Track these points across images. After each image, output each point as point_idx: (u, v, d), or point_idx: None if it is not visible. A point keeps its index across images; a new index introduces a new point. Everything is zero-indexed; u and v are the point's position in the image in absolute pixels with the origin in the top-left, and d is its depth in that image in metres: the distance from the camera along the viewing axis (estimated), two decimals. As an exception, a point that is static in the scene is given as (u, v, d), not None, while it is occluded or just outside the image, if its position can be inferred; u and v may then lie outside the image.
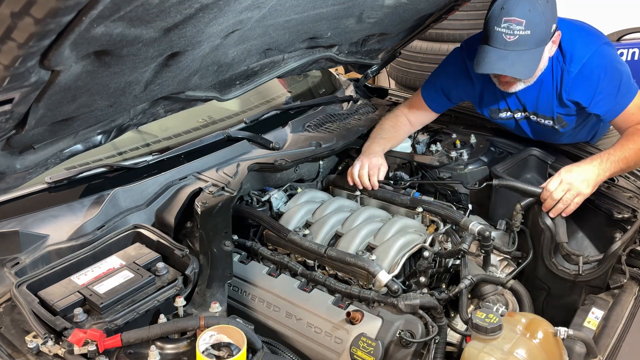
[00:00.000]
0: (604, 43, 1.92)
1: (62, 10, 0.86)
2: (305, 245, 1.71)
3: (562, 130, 2.04)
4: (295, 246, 1.75)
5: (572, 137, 2.15)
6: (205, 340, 1.18)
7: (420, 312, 1.50)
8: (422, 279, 1.67)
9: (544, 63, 1.87)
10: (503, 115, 2.13)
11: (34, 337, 1.24)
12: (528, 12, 1.73)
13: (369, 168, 1.98)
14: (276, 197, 2.01)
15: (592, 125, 2.14)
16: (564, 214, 1.82)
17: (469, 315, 1.38)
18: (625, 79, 1.87)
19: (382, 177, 2.00)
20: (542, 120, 2.03)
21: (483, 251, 1.71)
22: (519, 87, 1.91)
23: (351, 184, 2.00)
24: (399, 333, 1.45)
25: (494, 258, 1.79)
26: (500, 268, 1.82)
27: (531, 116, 2.06)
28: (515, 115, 2.10)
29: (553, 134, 2.09)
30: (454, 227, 1.77)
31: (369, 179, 1.97)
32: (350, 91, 2.72)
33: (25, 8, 0.84)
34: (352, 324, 1.50)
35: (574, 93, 1.91)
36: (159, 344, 1.25)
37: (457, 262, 1.72)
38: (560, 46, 1.91)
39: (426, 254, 1.67)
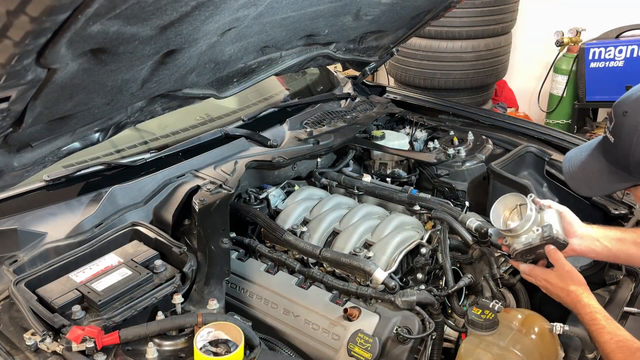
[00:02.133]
0: None
1: (57, 9, 0.87)
2: (300, 246, 1.71)
3: None
4: (291, 247, 1.76)
5: None
6: (202, 337, 1.19)
7: (418, 308, 1.51)
8: (419, 276, 1.68)
9: None
10: None
11: (33, 334, 1.24)
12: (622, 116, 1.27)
13: None
14: (274, 195, 2.02)
15: None
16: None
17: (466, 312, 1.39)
18: None
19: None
20: None
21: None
22: None
23: None
24: (396, 329, 1.45)
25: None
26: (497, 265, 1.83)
27: None
28: None
29: None
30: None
31: None
32: (348, 89, 2.72)
33: (20, 6, 0.84)
34: (350, 320, 1.50)
35: None
36: (156, 340, 1.26)
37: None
38: None
39: (423, 250, 1.68)
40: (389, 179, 2.21)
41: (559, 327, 1.34)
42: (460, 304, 1.66)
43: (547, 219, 1.44)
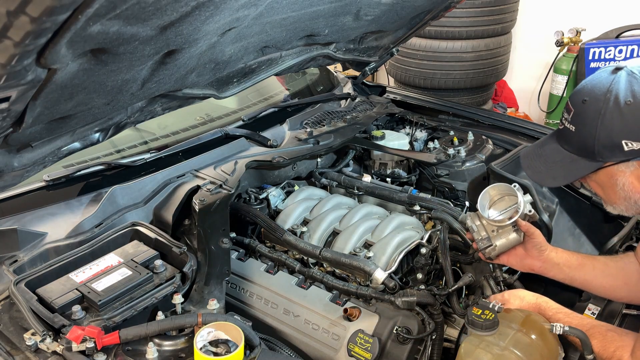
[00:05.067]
0: None
1: (57, 9, 0.87)
2: (301, 246, 1.72)
3: None
4: (291, 247, 1.76)
5: None
6: (202, 337, 1.19)
7: (417, 308, 1.51)
8: (420, 276, 1.68)
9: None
10: None
11: (33, 334, 1.25)
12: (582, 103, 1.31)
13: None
14: (274, 195, 2.02)
15: None
16: None
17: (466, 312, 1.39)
18: None
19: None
20: None
21: None
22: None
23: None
24: (396, 329, 1.45)
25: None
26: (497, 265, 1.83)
27: None
28: None
29: None
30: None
31: None
32: (348, 89, 2.72)
33: (21, 7, 0.84)
34: (350, 320, 1.51)
35: None
36: (156, 340, 1.25)
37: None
38: None
39: (423, 250, 1.68)
40: (389, 179, 2.21)
41: (559, 327, 1.34)
42: (459, 300, 1.66)
43: (504, 236, 1.54)
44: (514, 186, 1.54)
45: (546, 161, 1.42)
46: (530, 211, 1.53)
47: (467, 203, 2.00)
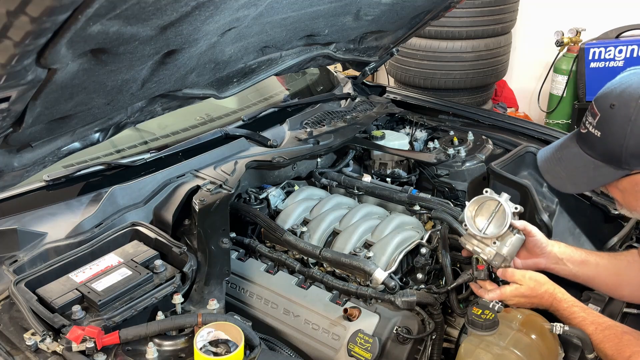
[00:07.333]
0: None
1: (57, 9, 0.87)
2: (301, 246, 1.72)
3: None
4: (291, 247, 1.76)
5: None
6: (202, 337, 1.19)
7: (417, 308, 1.51)
8: (420, 276, 1.68)
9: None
10: None
11: (33, 334, 1.25)
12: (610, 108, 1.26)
13: None
14: (274, 195, 2.02)
15: None
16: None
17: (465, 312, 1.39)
18: None
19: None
20: None
21: None
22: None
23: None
24: (396, 329, 1.45)
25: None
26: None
27: None
28: None
29: None
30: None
31: None
32: (348, 89, 2.72)
33: (21, 7, 0.84)
34: (350, 320, 1.51)
35: None
36: (156, 340, 1.26)
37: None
38: None
39: (423, 250, 1.68)
40: (389, 179, 2.21)
41: (559, 327, 1.34)
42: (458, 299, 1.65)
43: (507, 243, 1.47)
44: (486, 192, 1.48)
45: (567, 167, 1.36)
46: (516, 208, 1.47)
47: (467, 203, 1.99)
